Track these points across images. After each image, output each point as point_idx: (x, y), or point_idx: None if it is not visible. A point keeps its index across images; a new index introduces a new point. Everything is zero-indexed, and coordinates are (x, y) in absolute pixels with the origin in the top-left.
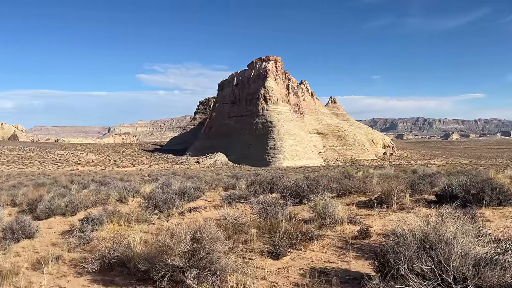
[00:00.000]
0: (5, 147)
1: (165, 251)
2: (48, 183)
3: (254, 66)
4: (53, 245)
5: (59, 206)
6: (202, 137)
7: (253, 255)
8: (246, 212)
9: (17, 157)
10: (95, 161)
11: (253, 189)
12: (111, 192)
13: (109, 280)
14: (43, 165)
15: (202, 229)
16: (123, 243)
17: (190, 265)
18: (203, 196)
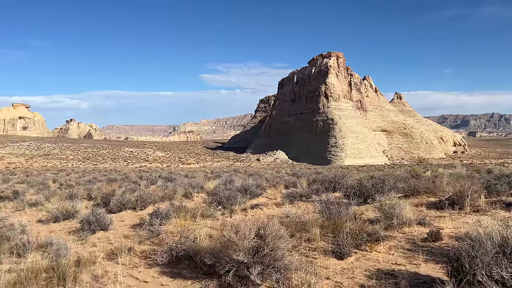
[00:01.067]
0: (81, 145)
1: (230, 246)
2: (119, 179)
3: (314, 63)
4: (125, 237)
5: (129, 201)
6: (262, 135)
7: (316, 254)
8: (308, 211)
9: (91, 154)
10: (161, 158)
11: (315, 187)
12: (177, 188)
13: (177, 272)
14: (115, 162)
15: (266, 226)
16: (189, 237)
17: (254, 261)
18: (264, 193)
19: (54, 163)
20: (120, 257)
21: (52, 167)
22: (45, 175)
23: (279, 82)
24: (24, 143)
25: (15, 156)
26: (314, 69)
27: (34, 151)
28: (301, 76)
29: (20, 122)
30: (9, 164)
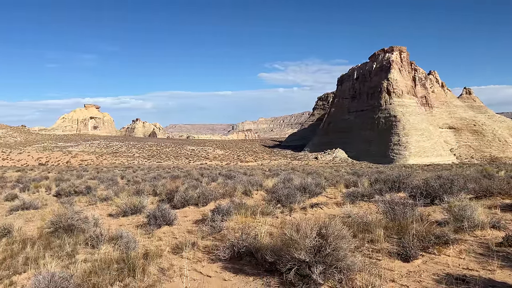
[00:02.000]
0: (146, 143)
1: (291, 244)
2: (182, 176)
3: (376, 58)
4: (189, 232)
5: (192, 197)
6: (320, 133)
7: (380, 256)
8: (370, 211)
9: (155, 152)
10: (221, 156)
11: (377, 187)
12: (237, 186)
13: (239, 268)
14: (177, 159)
15: (328, 226)
16: (250, 234)
17: (316, 261)
18: (323, 192)
19: (121, 160)
20: (185, 252)
21: (120, 164)
22: (113, 171)
23: (338, 79)
24: (95, 141)
25: (87, 153)
26: (375, 65)
27: (103, 149)
28: (361, 72)
29: (91, 122)
30: (82, 161)
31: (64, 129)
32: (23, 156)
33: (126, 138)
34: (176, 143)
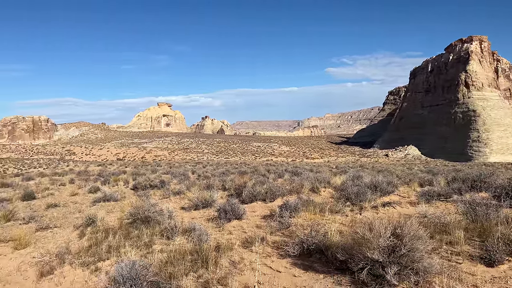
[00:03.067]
0: (214, 140)
1: (363, 243)
2: (249, 171)
3: (453, 49)
4: (257, 227)
5: (260, 193)
6: (391, 129)
7: (460, 259)
8: (448, 211)
9: (223, 148)
10: (286, 153)
11: (456, 186)
12: (304, 182)
13: (308, 265)
14: (244, 156)
15: (403, 226)
16: (320, 232)
17: (390, 261)
18: (396, 191)
19: (191, 156)
20: (254, 246)
21: (190, 160)
22: (185, 167)
23: (411, 72)
24: (167, 138)
25: (160, 149)
26: (452, 56)
27: (175, 145)
28: (436, 64)
29: (164, 120)
30: (155, 156)
31: (139, 126)
32: (103, 152)
33: (196, 134)
34: (243, 139)
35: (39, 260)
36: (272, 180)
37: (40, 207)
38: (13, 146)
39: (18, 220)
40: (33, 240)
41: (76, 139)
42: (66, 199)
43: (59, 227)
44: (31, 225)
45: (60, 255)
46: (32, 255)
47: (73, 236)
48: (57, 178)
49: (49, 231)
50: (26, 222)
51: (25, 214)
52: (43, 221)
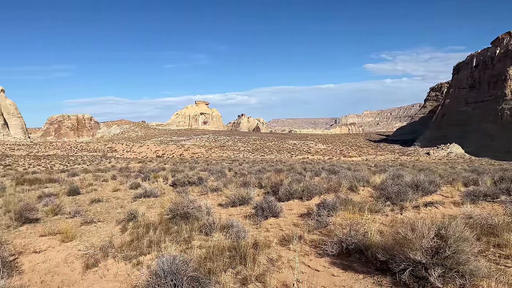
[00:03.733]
0: (250, 137)
1: (405, 244)
2: (285, 169)
3: (500, 43)
4: (294, 225)
5: (296, 191)
6: (432, 127)
7: (509, 262)
8: (495, 213)
9: (259, 145)
10: (323, 151)
11: (503, 186)
12: (342, 181)
13: (347, 265)
14: (279, 153)
15: (447, 226)
16: (359, 231)
17: (433, 263)
18: (438, 190)
19: (228, 153)
20: (292, 244)
21: (227, 157)
22: (221, 164)
23: (454, 67)
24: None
25: (197, 147)
26: (499, 50)
27: (212, 142)
28: (481, 58)
29: (201, 118)
30: (193, 153)
31: (177, 124)
32: (143, 149)
33: (232, 132)
34: (278, 137)
35: (84, 253)
36: (309, 178)
37: (85, 202)
38: (59, 143)
39: (64, 214)
40: (79, 233)
41: (118, 137)
42: (108, 194)
43: (103, 221)
44: (77, 219)
45: (104, 248)
46: (78, 248)
47: (116, 230)
48: (100, 174)
49: (93, 225)
50: (72, 216)
51: (71, 209)
52: (87, 215)
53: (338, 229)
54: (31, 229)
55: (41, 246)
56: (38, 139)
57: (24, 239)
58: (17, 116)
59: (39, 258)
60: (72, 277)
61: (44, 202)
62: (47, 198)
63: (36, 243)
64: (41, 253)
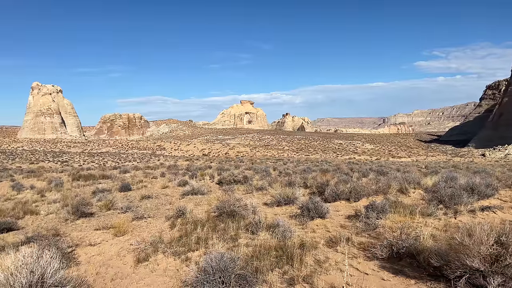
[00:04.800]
0: (294, 137)
1: (461, 250)
2: (331, 169)
3: None
4: (342, 227)
5: (343, 192)
6: (488, 127)
7: None
8: None
9: (304, 145)
10: (370, 151)
11: None
12: (391, 182)
13: (398, 269)
14: (325, 153)
15: (509, 233)
16: (410, 235)
17: (492, 271)
18: (496, 194)
19: (272, 152)
20: (339, 246)
21: (271, 156)
22: (266, 163)
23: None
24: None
25: (242, 146)
26: None
27: (256, 142)
28: None
29: (246, 117)
30: (238, 152)
31: (223, 123)
32: (190, 147)
33: (276, 132)
34: (323, 137)
35: (135, 247)
36: (356, 179)
37: (135, 198)
38: (111, 141)
39: (117, 209)
40: (130, 228)
41: (166, 135)
42: (158, 191)
43: (152, 217)
44: (128, 215)
45: (154, 243)
46: (129, 242)
47: (165, 226)
48: (150, 172)
49: (143, 220)
50: (123, 211)
51: (122, 204)
52: (138, 211)
53: (387, 232)
54: (87, 222)
55: (95, 239)
56: (92, 137)
57: (80, 232)
58: (73, 115)
59: (94, 250)
60: (124, 270)
61: (98, 197)
62: (100, 194)
63: (91, 236)
64: (96, 246)
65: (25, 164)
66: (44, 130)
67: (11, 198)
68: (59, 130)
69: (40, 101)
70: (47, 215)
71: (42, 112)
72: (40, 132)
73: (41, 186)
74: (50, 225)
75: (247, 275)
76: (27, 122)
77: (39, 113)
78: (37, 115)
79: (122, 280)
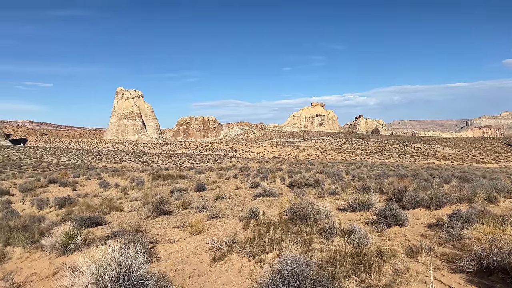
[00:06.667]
0: (368, 140)
1: None
2: (409, 175)
3: None
4: (422, 236)
5: (423, 199)
6: None
7: None
8: None
9: (378, 149)
10: (451, 156)
11: None
12: (477, 190)
13: (488, 285)
14: (401, 157)
15: None
16: (503, 248)
17: None
18: None
19: (344, 156)
20: (420, 256)
21: (343, 160)
22: (337, 167)
23: None
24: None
25: (313, 148)
26: None
27: (327, 144)
28: None
29: (317, 119)
30: (308, 155)
31: (293, 126)
32: (261, 150)
33: (348, 134)
34: (400, 140)
35: (211, 246)
36: (437, 185)
37: (210, 198)
38: (187, 142)
39: (193, 208)
40: (206, 227)
41: (238, 138)
42: (230, 192)
43: (226, 217)
44: (204, 214)
45: (229, 243)
46: (205, 241)
47: (239, 226)
48: (223, 173)
49: (218, 220)
50: (199, 210)
51: (198, 204)
52: (213, 211)
53: (475, 244)
54: (166, 220)
55: (174, 236)
56: (169, 138)
57: (160, 229)
58: (153, 118)
59: (172, 247)
60: (201, 268)
61: (176, 196)
62: (178, 193)
63: (170, 233)
64: (174, 243)
65: (110, 163)
66: (126, 132)
67: (99, 195)
68: (140, 132)
69: (123, 105)
70: (130, 212)
71: (125, 115)
72: (123, 133)
73: (124, 184)
74: (133, 221)
75: (323, 280)
76: (112, 124)
77: (122, 116)
78: (121, 118)
79: (199, 277)
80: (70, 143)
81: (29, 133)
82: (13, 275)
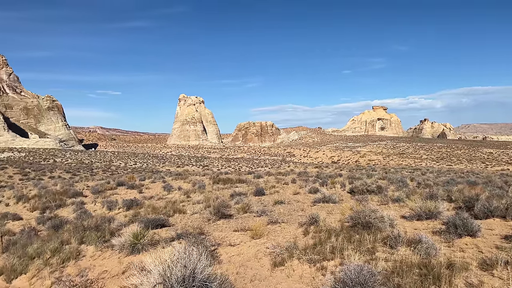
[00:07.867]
0: (434, 145)
1: None
2: (480, 182)
3: None
4: (497, 248)
5: (497, 208)
6: None
7: None
8: None
9: (445, 154)
10: None
11: None
12: None
13: None
14: (470, 163)
15: None
16: None
17: None
18: None
19: (408, 161)
20: (495, 270)
21: (407, 166)
22: (401, 173)
23: None
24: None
25: (374, 153)
26: None
27: (390, 149)
28: None
29: (379, 123)
30: (369, 160)
31: (353, 130)
32: (319, 154)
33: (413, 139)
34: (469, 144)
35: (271, 251)
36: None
37: (269, 202)
38: (245, 147)
39: (252, 212)
40: (266, 232)
41: (295, 142)
42: (289, 197)
43: (286, 222)
44: (263, 218)
45: (289, 249)
46: (265, 246)
47: (298, 232)
48: (281, 178)
49: (277, 225)
50: (258, 215)
51: (257, 208)
52: (272, 215)
53: None
54: (226, 223)
55: (235, 240)
56: (229, 143)
57: (221, 232)
58: (213, 123)
59: (233, 251)
60: (262, 273)
61: (236, 200)
62: (237, 197)
63: (231, 237)
64: (235, 247)
65: (173, 167)
66: (188, 137)
67: (163, 198)
68: (201, 137)
69: (185, 111)
70: (192, 215)
71: (187, 121)
72: (185, 139)
73: (186, 187)
74: (195, 224)
75: None
76: (175, 130)
77: (184, 122)
78: (183, 123)
79: (261, 282)
80: (136, 147)
81: (100, 138)
82: (87, 271)
